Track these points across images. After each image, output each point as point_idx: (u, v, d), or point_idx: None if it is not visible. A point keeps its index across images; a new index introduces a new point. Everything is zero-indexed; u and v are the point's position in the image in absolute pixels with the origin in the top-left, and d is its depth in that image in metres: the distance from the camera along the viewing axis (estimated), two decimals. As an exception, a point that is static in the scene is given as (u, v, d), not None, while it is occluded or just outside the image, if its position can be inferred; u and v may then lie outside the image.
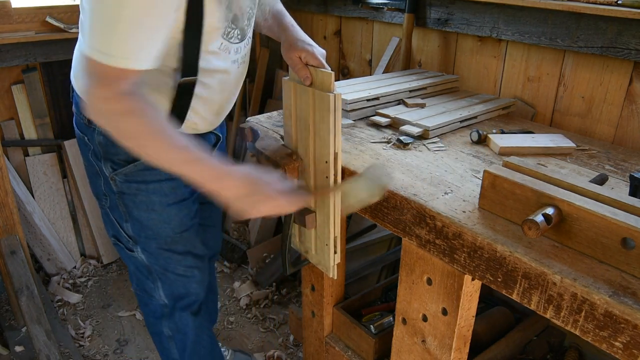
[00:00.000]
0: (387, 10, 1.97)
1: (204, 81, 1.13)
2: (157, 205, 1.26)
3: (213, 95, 1.19)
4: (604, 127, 1.49)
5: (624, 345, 0.73)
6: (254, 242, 2.52)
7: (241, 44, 1.17)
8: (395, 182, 1.08)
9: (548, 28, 1.51)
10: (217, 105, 1.23)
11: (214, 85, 1.16)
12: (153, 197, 1.24)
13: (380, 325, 1.46)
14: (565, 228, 0.85)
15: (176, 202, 1.28)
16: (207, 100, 1.19)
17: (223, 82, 1.18)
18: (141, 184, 1.22)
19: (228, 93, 1.24)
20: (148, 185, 1.23)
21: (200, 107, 1.18)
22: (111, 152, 1.19)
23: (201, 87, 1.14)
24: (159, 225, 1.28)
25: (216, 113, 1.25)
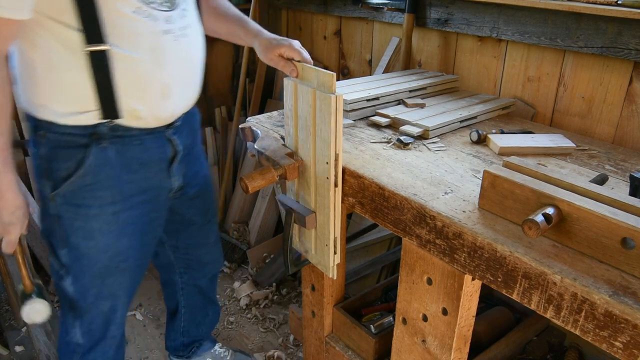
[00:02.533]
0: (387, 10, 1.97)
1: (123, 52, 1.04)
2: (97, 233, 1.17)
3: (145, 70, 1.08)
4: (604, 127, 1.49)
5: (624, 345, 0.73)
6: (254, 242, 2.52)
7: (172, 12, 1.09)
8: (395, 182, 1.08)
9: (548, 28, 1.51)
10: (158, 83, 1.11)
11: (142, 57, 1.06)
12: (93, 223, 1.16)
13: (381, 325, 1.46)
14: (566, 228, 0.85)
15: (117, 230, 1.19)
16: (139, 77, 1.08)
17: (157, 55, 1.08)
18: (81, 207, 1.14)
19: (172, 70, 1.12)
20: (88, 209, 1.15)
21: (132, 86, 1.08)
22: (53, 167, 1.12)
23: (123, 60, 1.04)
24: (95, 255, 1.19)
25: (161, 95, 1.13)
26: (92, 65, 1.02)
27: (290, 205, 1.23)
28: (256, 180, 1.10)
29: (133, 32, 1.03)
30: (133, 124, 1.13)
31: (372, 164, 1.17)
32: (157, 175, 1.23)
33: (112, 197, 1.15)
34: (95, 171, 1.12)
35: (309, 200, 1.19)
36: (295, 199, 1.25)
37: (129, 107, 1.09)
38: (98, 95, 1.06)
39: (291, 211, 1.21)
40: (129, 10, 1.02)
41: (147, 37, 1.05)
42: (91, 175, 1.12)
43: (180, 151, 1.25)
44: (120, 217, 1.18)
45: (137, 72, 1.07)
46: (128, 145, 1.14)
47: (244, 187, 1.11)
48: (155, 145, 1.19)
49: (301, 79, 1.11)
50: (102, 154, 1.12)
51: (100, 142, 1.11)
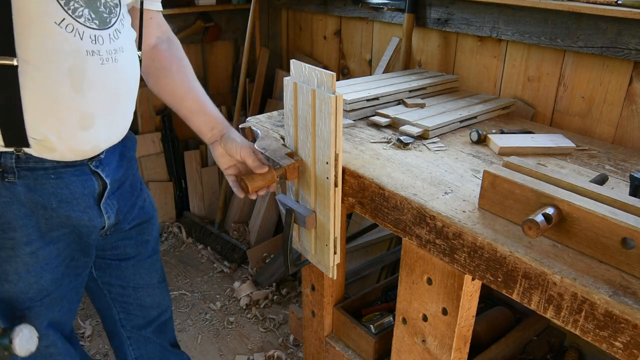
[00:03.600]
0: (387, 10, 1.97)
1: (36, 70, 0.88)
2: (12, 276, 1.03)
3: (60, 94, 0.91)
4: (604, 127, 1.49)
5: (624, 345, 0.73)
6: (254, 242, 2.52)
7: (102, 32, 0.95)
8: (395, 182, 1.08)
9: (548, 28, 1.51)
10: (75, 111, 0.94)
11: (58, 79, 0.90)
12: (6, 266, 1.02)
13: (381, 325, 1.46)
14: (566, 228, 0.85)
15: (37, 269, 1.05)
16: (53, 102, 0.91)
17: (76, 78, 0.92)
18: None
19: (94, 98, 0.96)
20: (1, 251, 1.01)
21: (44, 111, 0.91)
22: None
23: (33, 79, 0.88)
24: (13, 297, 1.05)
25: (79, 125, 0.96)
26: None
27: (290, 205, 1.23)
28: (256, 181, 1.10)
29: (51, 47, 0.88)
30: (45, 156, 0.96)
31: (372, 164, 1.17)
32: (85, 213, 1.06)
33: (26, 237, 1.00)
34: (1, 212, 0.97)
35: (309, 200, 1.19)
36: (295, 199, 1.25)
37: (39, 136, 0.93)
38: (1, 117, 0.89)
39: (291, 211, 1.21)
40: (50, 21, 0.87)
41: (68, 55, 0.90)
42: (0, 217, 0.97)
43: (109, 185, 1.09)
44: (39, 255, 1.04)
45: (50, 95, 0.90)
46: (41, 179, 0.98)
47: (244, 188, 1.11)
48: (77, 179, 1.02)
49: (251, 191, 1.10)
50: (7, 191, 0.95)
51: (5, 176, 0.94)
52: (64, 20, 0.88)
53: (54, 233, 1.05)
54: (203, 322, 2.12)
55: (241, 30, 2.70)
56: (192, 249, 2.62)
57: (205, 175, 2.78)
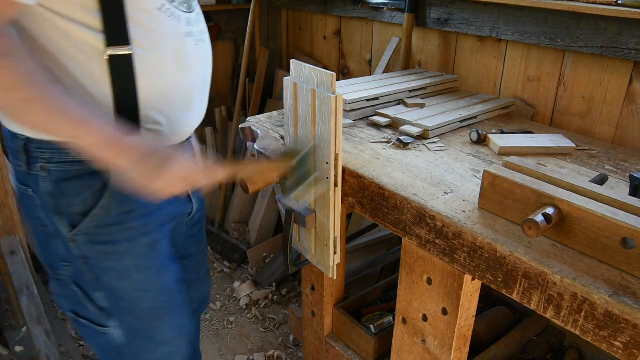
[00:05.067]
0: (387, 10, 1.97)
1: (148, 56, 0.90)
2: (132, 271, 1.00)
3: (170, 77, 0.94)
4: (604, 127, 1.49)
5: (624, 345, 0.73)
6: (254, 242, 2.52)
7: (190, 15, 0.98)
8: (395, 182, 1.08)
9: (548, 28, 1.51)
10: (182, 93, 0.97)
11: (167, 62, 0.93)
12: (126, 261, 0.99)
13: (381, 325, 1.46)
14: (566, 228, 0.85)
15: (158, 264, 1.03)
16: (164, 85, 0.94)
17: (181, 60, 0.95)
18: (108, 245, 0.97)
19: (194, 78, 1.00)
20: (117, 245, 0.97)
21: (156, 96, 0.93)
22: (64, 203, 0.93)
23: (146, 65, 0.90)
24: (135, 296, 1.02)
25: (184, 106, 0.99)
26: (112, 72, 0.87)
27: (290, 205, 1.23)
28: (257, 181, 1.10)
29: (158, 32, 0.91)
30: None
31: (372, 164, 1.17)
32: (179, 199, 1.06)
33: (144, 227, 0.99)
34: (121, 200, 0.94)
35: (309, 200, 1.19)
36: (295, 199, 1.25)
37: (151, 123, 0.94)
38: (116, 108, 0.90)
39: (291, 211, 1.21)
40: (154, 7, 0.90)
41: (172, 38, 0.93)
42: (117, 204, 0.95)
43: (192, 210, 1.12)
44: (157, 248, 1.02)
45: (161, 79, 0.93)
46: None
47: (244, 188, 1.11)
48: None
49: None
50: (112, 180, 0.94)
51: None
52: (164, 5, 0.91)
53: (167, 226, 1.04)
54: (203, 322, 2.12)
55: (241, 30, 2.70)
56: (192, 249, 2.62)
57: (205, 175, 2.77)
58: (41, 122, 0.79)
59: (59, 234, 0.96)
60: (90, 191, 0.93)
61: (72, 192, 0.93)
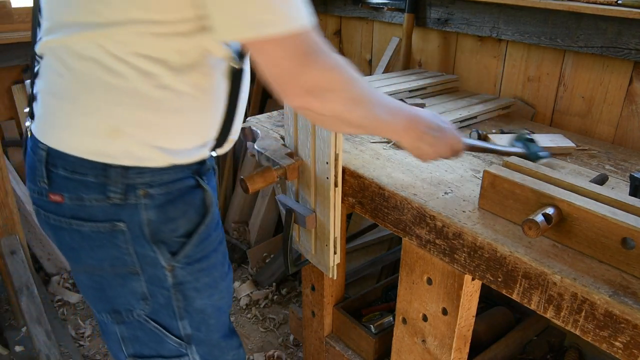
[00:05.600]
0: (387, 10, 1.97)
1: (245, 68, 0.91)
2: (219, 281, 1.00)
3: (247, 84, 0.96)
4: (604, 127, 1.49)
5: (624, 345, 0.73)
6: (254, 242, 2.52)
7: None
8: (395, 182, 1.08)
9: (548, 28, 1.51)
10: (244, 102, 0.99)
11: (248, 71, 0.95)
12: (214, 272, 0.98)
13: (381, 325, 1.46)
14: (566, 228, 0.85)
15: (229, 267, 1.05)
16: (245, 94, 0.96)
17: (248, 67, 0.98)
18: (202, 261, 0.94)
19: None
20: (209, 259, 0.96)
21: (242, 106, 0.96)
22: (168, 229, 0.88)
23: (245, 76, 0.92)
24: (219, 305, 1.02)
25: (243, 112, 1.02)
26: (231, 83, 0.88)
27: (290, 205, 1.23)
28: (257, 181, 1.10)
29: None
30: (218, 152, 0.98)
31: (372, 164, 1.17)
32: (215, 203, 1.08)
33: (220, 236, 1.00)
34: (213, 213, 0.95)
35: (309, 200, 1.19)
36: (295, 199, 1.25)
37: (235, 131, 0.95)
38: (224, 120, 0.91)
39: (291, 211, 1.21)
40: None
41: None
42: (211, 218, 0.94)
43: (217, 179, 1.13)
44: (226, 254, 1.04)
45: (246, 88, 0.94)
46: (210, 175, 0.99)
47: (244, 188, 1.11)
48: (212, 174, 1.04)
49: None
50: (210, 191, 0.94)
51: (202, 178, 0.93)
52: None
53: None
54: (203, 322, 2.12)
55: (241, 30, 2.70)
56: (192, 249, 2.62)
57: (205, 175, 2.77)
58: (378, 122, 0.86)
59: (149, 268, 0.89)
60: (194, 208, 0.91)
61: (177, 214, 0.88)
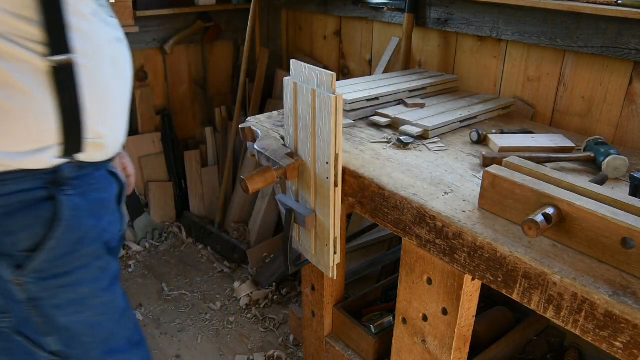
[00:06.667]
0: (387, 10, 1.97)
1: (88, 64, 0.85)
2: (89, 298, 0.94)
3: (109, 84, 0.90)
4: (604, 127, 1.49)
5: (624, 345, 0.73)
6: (254, 242, 2.52)
7: (115, 20, 0.95)
8: (395, 182, 1.08)
9: (548, 28, 1.51)
10: (120, 100, 0.94)
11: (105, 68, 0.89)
12: (82, 288, 0.92)
13: (381, 325, 1.46)
14: (566, 228, 0.85)
15: (110, 283, 0.98)
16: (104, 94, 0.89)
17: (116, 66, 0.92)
18: (62, 277, 0.89)
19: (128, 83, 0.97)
20: (71, 275, 0.90)
21: (98, 106, 0.88)
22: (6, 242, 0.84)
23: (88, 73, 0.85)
24: (95, 322, 0.96)
25: (121, 113, 0.96)
26: (56, 82, 0.81)
27: (290, 205, 1.23)
28: (257, 181, 1.10)
29: (95, 38, 0.87)
30: (92, 158, 0.91)
31: (372, 164, 1.17)
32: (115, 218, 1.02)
33: (96, 252, 0.94)
34: (73, 227, 0.89)
35: (309, 200, 1.19)
36: (295, 199, 1.25)
37: (94, 134, 0.89)
38: (63, 122, 0.83)
39: (291, 211, 1.21)
40: (87, 11, 0.85)
41: (107, 44, 0.90)
42: (70, 233, 0.88)
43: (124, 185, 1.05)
44: (108, 269, 0.97)
45: (102, 86, 0.89)
46: (87, 186, 0.93)
47: (244, 188, 1.11)
48: (107, 181, 0.99)
49: None
50: (72, 204, 0.88)
51: (64, 189, 0.88)
52: (95, 10, 0.88)
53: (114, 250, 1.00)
54: (203, 322, 2.12)
55: (241, 30, 2.70)
56: (192, 249, 2.62)
57: (205, 175, 2.78)
58: None
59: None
60: (40, 223, 0.85)
61: (17, 227, 0.84)
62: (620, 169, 1.12)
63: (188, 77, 2.63)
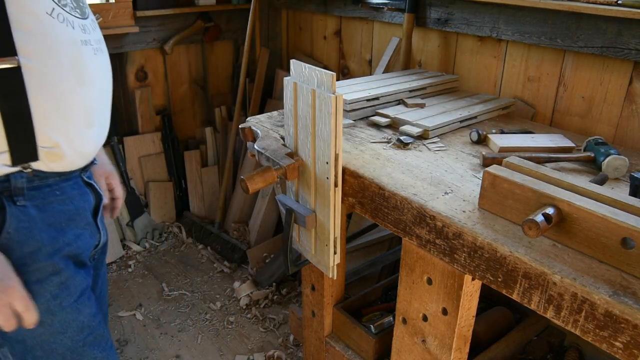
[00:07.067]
0: (387, 10, 1.97)
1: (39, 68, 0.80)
2: (44, 314, 0.89)
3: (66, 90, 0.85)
4: (604, 127, 1.49)
5: (624, 345, 0.73)
6: (254, 242, 2.52)
7: (85, 21, 0.90)
8: (395, 182, 1.08)
9: (548, 28, 1.51)
10: (80, 107, 0.88)
11: (62, 73, 0.84)
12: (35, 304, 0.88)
13: (381, 325, 1.46)
14: (566, 228, 0.85)
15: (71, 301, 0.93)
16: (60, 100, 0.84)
17: (78, 71, 0.86)
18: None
19: (94, 90, 0.91)
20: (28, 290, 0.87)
21: (51, 113, 0.84)
22: None
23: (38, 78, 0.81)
24: (51, 340, 0.92)
25: (84, 122, 0.90)
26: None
27: (290, 205, 1.23)
28: (257, 181, 1.10)
29: (50, 39, 0.81)
30: (53, 167, 0.88)
31: (372, 164, 1.17)
32: (86, 231, 0.98)
33: (53, 267, 0.90)
34: (22, 240, 0.85)
35: (309, 200, 1.19)
36: (295, 199, 1.25)
37: (48, 143, 0.85)
38: (7, 130, 0.79)
39: (291, 211, 1.21)
40: (42, 10, 0.80)
41: (67, 46, 0.84)
42: (18, 246, 0.85)
43: (102, 197, 1.03)
44: (70, 285, 0.93)
45: (57, 92, 0.84)
46: (48, 197, 0.90)
47: (244, 188, 1.11)
48: (77, 192, 0.95)
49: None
50: (23, 216, 0.85)
51: (16, 199, 0.84)
52: (54, 10, 0.82)
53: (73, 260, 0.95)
54: (203, 322, 2.12)
55: (241, 30, 2.70)
56: (192, 249, 2.62)
57: (205, 175, 2.78)
58: None
59: None
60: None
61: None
62: (620, 169, 1.12)
63: (188, 77, 2.63)
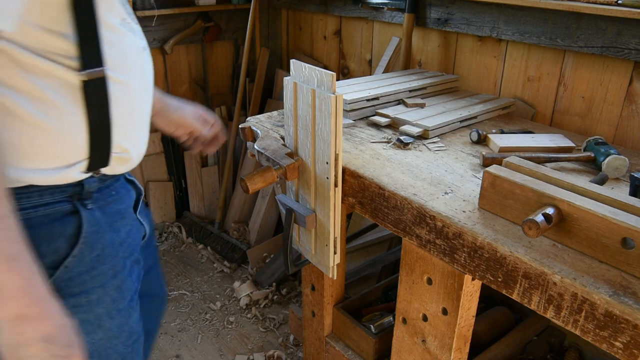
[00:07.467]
0: (387, 10, 1.97)
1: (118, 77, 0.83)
2: (105, 319, 0.90)
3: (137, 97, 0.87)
4: (604, 127, 1.49)
5: (624, 345, 0.73)
6: (254, 242, 2.52)
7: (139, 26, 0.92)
8: (395, 182, 1.08)
9: (548, 28, 1.51)
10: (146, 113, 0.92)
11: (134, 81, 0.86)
12: (97, 309, 0.89)
13: (381, 325, 1.46)
14: (566, 228, 0.85)
15: (125, 304, 0.94)
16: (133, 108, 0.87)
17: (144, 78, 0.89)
18: (80, 296, 0.86)
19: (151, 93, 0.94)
20: (89, 295, 0.88)
21: (126, 120, 0.86)
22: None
23: (118, 87, 0.83)
24: (108, 345, 0.93)
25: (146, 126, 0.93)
26: (87, 97, 0.78)
27: (290, 205, 1.23)
28: (257, 181, 1.10)
29: (123, 49, 0.83)
30: (115, 171, 0.90)
31: (372, 164, 1.17)
32: (133, 227, 0.98)
33: (113, 269, 0.91)
34: (92, 243, 0.86)
35: (309, 200, 1.19)
36: (295, 199, 1.25)
37: (119, 149, 0.87)
38: (91, 139, 0.81)
39: (291, 211, 1.21)
40: (116, 22, 0.82)
41: (136, 56, 0.86)
42: (89, 250, 0.86)
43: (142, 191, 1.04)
44: (124, 289, 0.94)
45: (131, 101, 0.86)
46: (107, 198, 0.91)
47: (244, 188, 1.11)
48: (124, 191, 0.96)
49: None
50: (92, 219, 0.86)
51: (86, 203, 0.86)
52: (124, 19, 0.84)
53: (128, 261, 0.95)
54: (203, 322, 2.12)
55: (241, 30, 2.70)
56: (192, 249, 2.62)
57: (205, 175, 2.78)
58: None
59: None
60: (63, 237, 0.83)
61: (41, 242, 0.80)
62: (620, 169, 1.12)
63: (188, 77, 2.64)
